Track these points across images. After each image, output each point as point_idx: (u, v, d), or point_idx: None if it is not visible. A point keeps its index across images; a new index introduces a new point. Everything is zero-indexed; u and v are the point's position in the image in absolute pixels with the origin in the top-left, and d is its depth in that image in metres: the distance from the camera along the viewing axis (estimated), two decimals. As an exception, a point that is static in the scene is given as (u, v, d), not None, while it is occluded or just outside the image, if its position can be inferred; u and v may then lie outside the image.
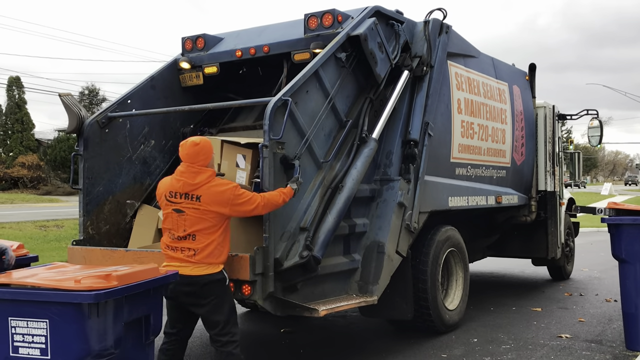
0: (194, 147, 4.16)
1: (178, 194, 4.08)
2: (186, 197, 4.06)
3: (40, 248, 13.10)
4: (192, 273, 4.03)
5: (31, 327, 3.11)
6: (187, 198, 4.06)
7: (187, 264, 4.04)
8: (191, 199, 4.05)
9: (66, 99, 5.54)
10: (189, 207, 4.05)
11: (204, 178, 4.09)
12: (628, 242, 5.63)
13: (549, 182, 8.66)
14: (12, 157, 38.28)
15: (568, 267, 9.93)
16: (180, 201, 4.07)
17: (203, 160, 4.15)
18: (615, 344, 5.96)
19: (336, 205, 4.98)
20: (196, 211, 4.04)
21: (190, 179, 4.08)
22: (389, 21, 5.92)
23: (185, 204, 4.06)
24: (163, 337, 4.27)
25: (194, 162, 4.12)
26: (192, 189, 4.06)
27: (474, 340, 6.15)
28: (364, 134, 5.44)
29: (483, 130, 7.22)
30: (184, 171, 4.12)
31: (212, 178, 4.13)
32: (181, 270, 3.98)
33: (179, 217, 4.06)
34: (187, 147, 4.17)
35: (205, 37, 6.50)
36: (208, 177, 4.11)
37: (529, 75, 8.70)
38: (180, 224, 4.06)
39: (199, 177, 4.08)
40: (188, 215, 4.04)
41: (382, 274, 5.41)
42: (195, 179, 4.07)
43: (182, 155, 4.19)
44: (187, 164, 4.13)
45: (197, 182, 4.07)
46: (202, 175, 4.09)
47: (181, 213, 4.06)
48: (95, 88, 45.05)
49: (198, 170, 4.10)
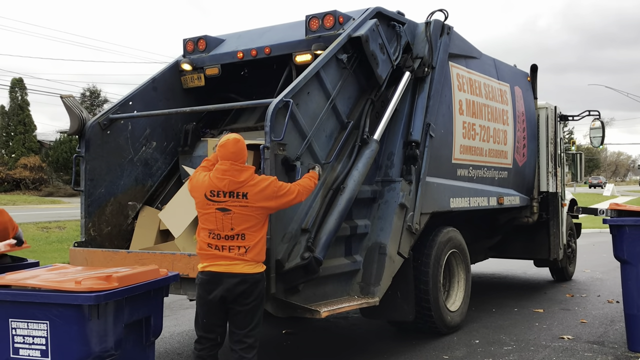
0: (237, 144, 4.09)
1: (222, 192, 4.00)
2: (231, 195, 3.99)
3: (42, 249, 13.12)
4: (244, 271, 3.97)
5: (32, 329, 3.11)
6: (233, 196, 3.99)
7: (238, 262, 3.97)
8: (237, 196, 3.99)
9: (68, 100, 5.54)
10: (236, 205, 3.98)
11: (248, 175, 4.05)
12: (630, 243, 5.62)
13: (550, 183, 8.64)
14: (14, 159, 38.32)
15: (570, 268, 9.92)
16: (226, 200, 3.99)
17: (244, 157, 4.12)
18: (617, 345, 5.95)
19: (338, 206, 4.98)
20: (244, 209, 3.98)
21: (235, 177, 4.01)
22: (390, 22, 5.92)
23: (232, 202, 3.98)
24: (194, 344, 4.15)
25: (237, 160, 4.05)
26: (238, 186, 4.00)
27: (475, 342, 6.14)
28: (365, 135, 5.43)
29: (485, 131, 7.21)
30: (227, 169, 4.02)
31: (255, 175, 4.11)
32: (231, 268, 3.94)
33: (224, 216, 3.98)
34: (231, 145, 4.08)
35: (206, 39, 6.50)
36: (252, 174, 4.08)
37: (531, 76, 8.69)
38: (226, 223, 3.98)
39: (244, 175, 4.03)
40: (235, 214, 3.97)
41: (384, 275, 5.41)
42: (240, 177, 4.02)
43: (227, 154, 4.06)
44: (230, 161, 4.04)
45: (243, 180, 4.02)
46: (246, 173, 4.05)
47: (227, 212, 3.98)
48: (96, 89, 45.13)
49: (241, 168, 4.05)
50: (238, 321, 4.07)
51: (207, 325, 4.10)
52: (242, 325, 4.06)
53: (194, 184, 4.18)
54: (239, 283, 3.96)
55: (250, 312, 4.04)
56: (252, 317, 4.06)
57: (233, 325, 4.10)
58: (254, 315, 4.07)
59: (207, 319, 4.09)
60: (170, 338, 6.36)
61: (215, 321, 4.10)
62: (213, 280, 3.98)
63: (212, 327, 4.10)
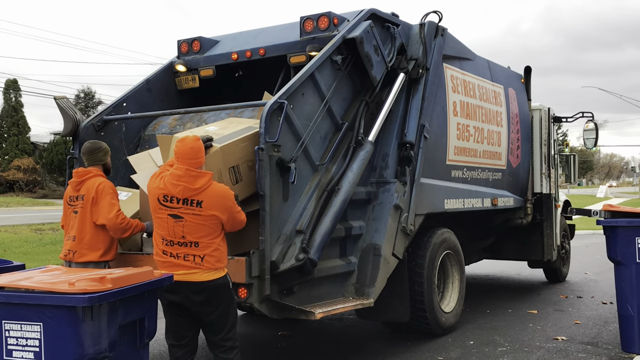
0: (196, 142, 3.88)
1: (175, 199, 3.79)
2: (185, 202, 3.79)
3: (35, 251, 13.07)
4: (202, 279, 3.81)
5: (25, 331, 3.09)
6: (187, 204, 3.79)
7: (195, 270, 3.81)
8: (192, 204, 3.79)
9: (61, 102, 5.53)
10: (189, 213, 3.79)
11: (204, 182, 3.83)
12: (623, 244, 5.63)
13: (544, 184, 8.67)
14: (7, 160, 38.19)
15: (564, 270, 9.95)
16: (179, 206, 3.79)
17: (201, 159, 3.89)
18: (611, 346, 5.97)
19: (332, 207, 4.97)
20: (197, 217, 3.79)
21: (190, 183, 3.79)
22: (384, 24, 5.93)
23: (184, 209, 3.79)
24: (169, 352, 4.08)
25: (194, 159, 3.83)
26: (193, 194, 3.79)
27: (470, 343, 6.14)
28: (360, 137, 5.43)
29: (479, 132, 7.23)
30: (182, 175, 3.80)
31: (213, 181, 3.90)
32: (189, 277, 3.80)
33: (175, 223, 3.79)
34: (190, 142, 3.86)
35: (201, 40, 6.50)
36: (208, 181, 3.86)
37: (525, 77, 8.72)
38: (177, 231, 3.80)
39: (200, 181, 3.81)
40: (187, 222, 3.79)
41: (379, 277, 5.41)
42: (196, 184, 3.80)
43: (183, 151, 3.84)
44: (185, 166, 3.81)
45: (199, 187, 3.80)
46: (202, 179, 3.83)
47: (179, 219, 3.79)
48: (91, 91, 45.01)
49: (197, 174, 3.82)
50: (211, 327, 3.98)
51: (176, 334, 4.02)
52: (215, 332, 3.98)
53: (149, 185, 3.99)
54: (198, 292, 3.82)
55: (221, 317, 3.94)
56: (224, 323, 3.96)
57: (207, 333, 4.03)
58: (226, 321, 3.96)
59: (173, 327, 4.02)
60: (164, 340, 6.33)
61: (184, 329, 4.00)
62: (172, 289, 3.80)
63: (182, 332, 4.01)
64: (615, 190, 69.30)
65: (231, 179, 4.49)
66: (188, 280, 3.82)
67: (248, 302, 4.48)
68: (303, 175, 4.90)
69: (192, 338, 4.06)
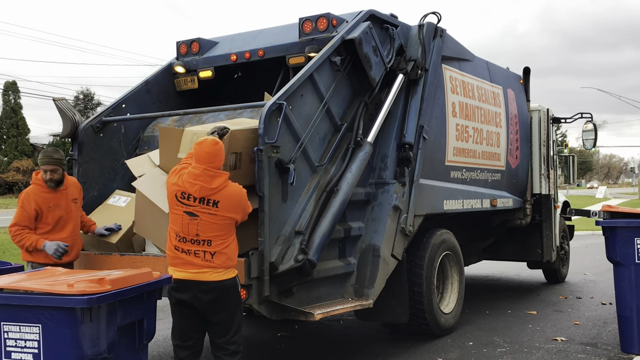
0: (214, 145, 3.90)
1: (192, 197, 3.84)
2: (202, 201, 3.83)
3: (34, 253, 13.03)
4: (212, 278, 3.83)
5: (24, 332, 3.09)
6: (203, 203, 3.83)
7: (206, 269, 3.83)
8: (208, 204, 3.83)
9: (60, 103, 5.53)
10: (204, 212, 3.83)
11: (221, 182, 3.88)
12: (622, 245, 5.64)
13: (543, 185, 8.67)
14: (6, 162, 38.20)
15: (563, 270, 9.95)
16: (195, 205, 3.84)
17: (220, 161, 3.93)
18: (611, 347, 5.97)
19: (331, 208, 4.98)
20: (212, 217, 3.84)
21: (207, 183, 3.84)
22: (383, 25, 5.93)
23: (201, 208, 3.83)
24: (174, 354, 4.05)
25: (212, 162, 3.87)
26: (209, 193, 3.84)
27: (469, 344, 6.14)
28: (359, 138, 5.43)
29: (478, 133, 7.23)
30: (199, 174, 3.84)
31: (229, 182, 3.95)
32: (199, 276, 3.82)
33: (191, 220, 3.83)
34: (208, 146, 3.88)
35: (200, 41, 6.50)
36: (225, 181, 3.91)
37: (523, 78, 8.72)
38: (191, 228, 3.84)
39: (217, 181, 3.86)
40: (202, 221, 3.83)
41: (378, 278, 5.41)
42: (213, 183, 3.85)
43: (202, 154, 3.87)
44: (203, 166, 3.85)
45: (215, 187, 3.85)
46: (219, 179, 3.88)
47: (194, 217, 3.83)
48: (90, 93, 45.03)
49: (214, 174, 3.87)
50: (216, 331, 3.98)
51: (182, 334, 4.00)
52: (221, 334, 3.98)
53: (167, 180, 4.04)
54: (207, 291, 3.84)
55: (228, 318, 3.94)
56: (229, 326, 3.96)
57: (212, 335, 4.02)
58: (232, 324, 3.97)
59: (182, 327, 4.00)
60: (164, 341, 6.33)
61: (190, 330, 3.99)
62: (181, 288, 3.85)
63: (188, 333, 3.99)
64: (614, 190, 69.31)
65: (229, 164, 4.50)
66: (198, 279, 3.84)
67: (247, 303, 4.48)
68: (302, 176, 4.90)
69: (197, 340, 4.05)
